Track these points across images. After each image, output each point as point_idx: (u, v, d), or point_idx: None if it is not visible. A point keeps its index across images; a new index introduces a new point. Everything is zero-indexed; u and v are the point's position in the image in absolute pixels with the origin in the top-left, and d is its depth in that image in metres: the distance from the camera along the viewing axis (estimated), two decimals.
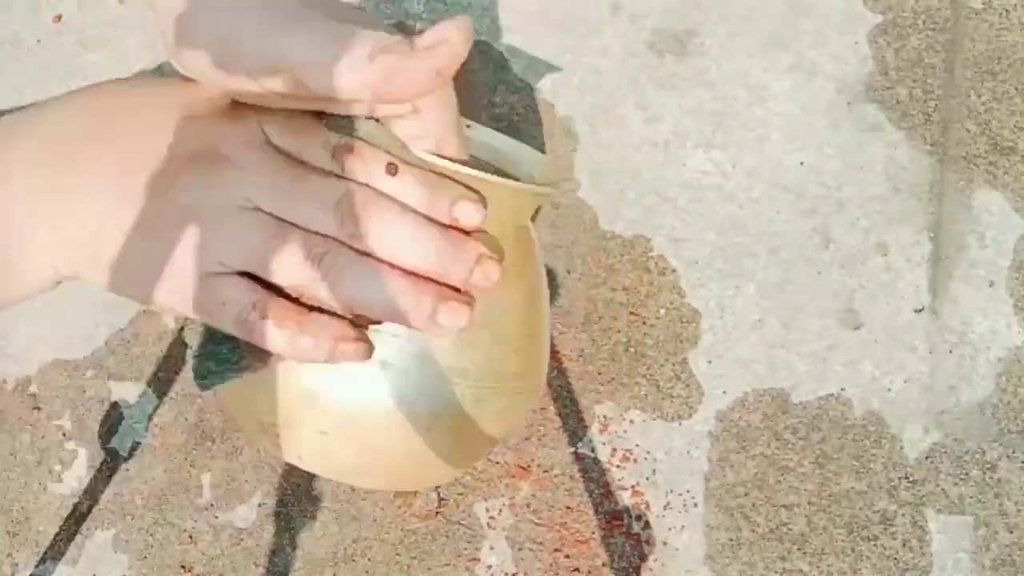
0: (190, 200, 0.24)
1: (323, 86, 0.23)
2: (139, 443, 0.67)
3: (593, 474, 0.67)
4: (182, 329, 0.70)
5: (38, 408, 0.68)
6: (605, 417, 0.68)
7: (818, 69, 0.77)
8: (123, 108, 0.26)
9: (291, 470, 0.66)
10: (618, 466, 0.67)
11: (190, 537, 0.64)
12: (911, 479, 0.66)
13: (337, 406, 0.25)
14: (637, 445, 0.68)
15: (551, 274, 0.72)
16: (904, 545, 0.65)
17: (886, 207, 0.73)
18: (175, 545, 0.64)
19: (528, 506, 0.66)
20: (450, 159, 0.25)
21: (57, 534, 0.64)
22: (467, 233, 0.26)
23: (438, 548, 0.65)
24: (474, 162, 0.26)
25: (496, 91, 0.76)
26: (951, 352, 0.69)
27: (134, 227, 0.24)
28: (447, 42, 0.24)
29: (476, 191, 0.25)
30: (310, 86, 0.23)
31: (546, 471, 0.67)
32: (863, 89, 0.76)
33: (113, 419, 0.67)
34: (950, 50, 0.77)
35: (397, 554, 0.65)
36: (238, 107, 0.25)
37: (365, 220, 0.25)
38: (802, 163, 0.74)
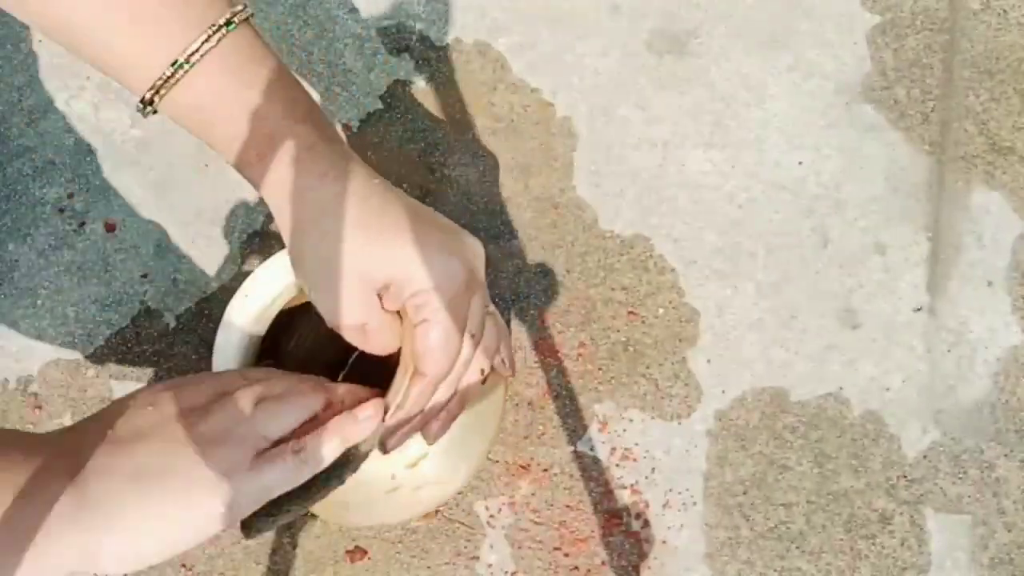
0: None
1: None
2: None
3: (592, 473, 0.67)
4: (182, 329, 0.70)
5: (39, 407, 0.68)
6: (604, 416, 0.68)
7: (816, 69, 0.77)
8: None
9: None
10: (617, 465, 0.67)
11: None
12: (909, 478, 0.67)
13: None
14: (636, 444, 0.68)
15: (551, 273, 0.72)
16: (902, 544, 0.65)
17: (884, 207, 0.73)
18: None
19: (527, 505, 0.66)
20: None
21: None
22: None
23: (438, 547, 0.65)
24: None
25: (496, 91, 0.76)
26: (949, 351, 0.70)
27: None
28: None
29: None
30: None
31: (545, 470, 0.67)
32: (861, 89, 0.76)
33: None
34: (948, 50, 0.77)
35: (397, 553, 0.65)
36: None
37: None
38: (800, 163, 0.75)
